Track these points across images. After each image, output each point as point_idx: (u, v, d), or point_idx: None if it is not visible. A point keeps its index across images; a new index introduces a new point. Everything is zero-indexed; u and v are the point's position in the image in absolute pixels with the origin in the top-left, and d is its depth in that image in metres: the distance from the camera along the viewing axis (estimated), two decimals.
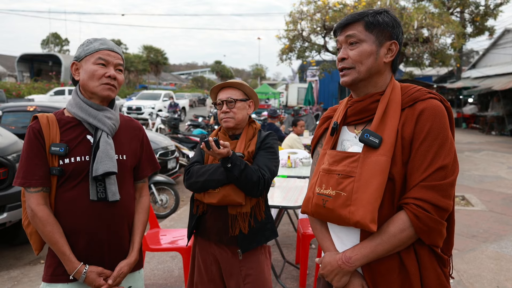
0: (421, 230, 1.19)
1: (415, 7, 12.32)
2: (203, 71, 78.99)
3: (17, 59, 31.76)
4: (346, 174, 1.26)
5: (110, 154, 1.56)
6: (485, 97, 19.52)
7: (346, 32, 1.34)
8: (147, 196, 1.81)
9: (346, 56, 1.33)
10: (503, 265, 3.79)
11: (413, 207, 1.19)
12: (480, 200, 6.19)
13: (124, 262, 1.63)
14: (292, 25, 12.85)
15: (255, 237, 1.96)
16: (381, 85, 1.35)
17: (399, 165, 1.23)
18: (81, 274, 1.53)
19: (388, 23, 1.32)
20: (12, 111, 6.43)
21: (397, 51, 1.34)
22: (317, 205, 1.31)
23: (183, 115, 24.11)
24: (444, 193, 1.19)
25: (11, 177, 3.81)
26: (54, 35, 57.64)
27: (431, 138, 1.22)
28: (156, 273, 3.57)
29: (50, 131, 1.55)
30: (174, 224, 4.96)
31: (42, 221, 1.51)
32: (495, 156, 10.89)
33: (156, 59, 45.33)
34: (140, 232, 1.72)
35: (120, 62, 1.65)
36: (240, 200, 1.89)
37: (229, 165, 1.82)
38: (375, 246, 1.22)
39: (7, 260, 4.02)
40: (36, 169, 1.52)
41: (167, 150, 6.65)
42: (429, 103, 1.26)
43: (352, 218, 1.21)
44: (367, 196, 1.20)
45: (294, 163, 4.55)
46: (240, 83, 2.06)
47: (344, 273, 1.27)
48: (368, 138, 1.25)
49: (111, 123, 1.63)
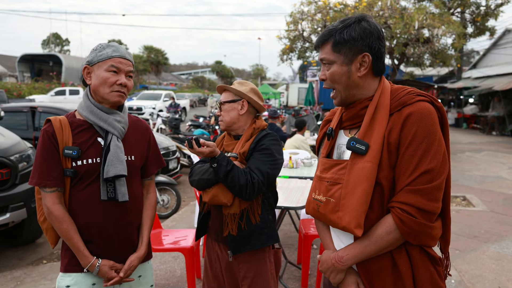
0: (406, 233, 1.23)
1: (416, 7, 12.33)
2: (204, 71, 79.01)
3: (18, 59, 31.80)
4: (334, 181, 1.33)
5: (120, 157, 1.65)
6: (486, 97, 19.52)
7: (320, 54, 1.39)
8: (154, 192, 1.90)
9: (325, 77, 1.38)
10: (505, 265, 3.80)
11: (397, 211, 1.23)
12: (481, 201, 6.20)
13: (134, 256, 1.73)
14: (292, 26, 12.87)
15: (248, 240, 1.94)
16: (365, 93, 1.36)
17: (386, 170, 1.26)
18: (95, 267, 1.63)
19: (356, 37, 1.30)
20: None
21: (371, 61, 1.32)
22: (314, 209, 1.41)
23: (184, 115, 24.12)
24: (430, 197, 1.21)
25: (13, 177, 3.82)
26: (54, 35, 57.71)
27: (416, 142, 1.23)
28: (158, 273, 3.57)
29: (63, 134, 1.63)
30: (176, 224, 4.97)
31: (58, 219, 1.61)
32: (496, 156, 10.90)
33: (156, 59, 45.34)
34: (148, 227, 1.81)
35: (131, 69, 1.73)
36: (225, 200, 1.89)
37: (215, 165, 1.84)
38: (364, 247, 1.28)
39: (10, 260, 4.03)
40: (51, 170, 1.61)
41: (168, 151, 6.66)
42: (416, 106, 1.26)
43: (340, 223, 1.29)
44: (353, 202, 1.26)
45: (295, 163, 4.56)
46: (227, 86, 2.10)
47: (338, 270, 1.34)
48: (354, 146, 1.30)
49: (120, 126, 1.71)
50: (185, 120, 21.23)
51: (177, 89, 46.27)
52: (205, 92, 48.34)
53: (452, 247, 4.16)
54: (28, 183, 1.68)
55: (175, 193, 5.52)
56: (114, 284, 1.67)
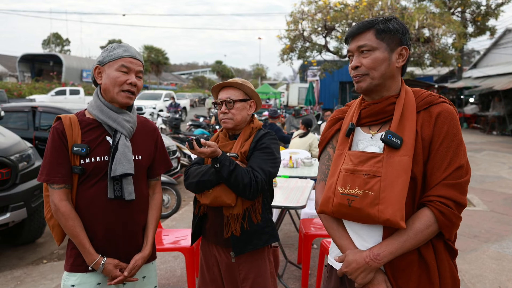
0: (445, 225, 1.27)
1: (416, 7, 12.33)
2: (204, 71, 79.00)
3: (18, 59, 31.80)
4: (373, 174, 1.31)
5: (128, 156, 1.67)
6: (486, 97, 19.50)
7: (357, 42, 1.39)
8: (159, 193, 1.90)
9: (360, 64, 1.38)
10: (505, 265, 3.80)
11: (437, 204, 1.26)
12: (481, 201, 6.20)
13: (138, 256, 1.74)
14: (293, 25, 12.87)
15: (250, 240, 1.92)
16: (394, 88, 1.41)
17: (420, 164, 1.30)
18: (100, 266, 1.64)
19: (398, 29, 1.38)
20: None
21: (408, 55, 1.40)
22: (341, 205, 1.34)
23: (184, 115, 24.12)
24: (462, 190, 1.28)
25: (13, 177, 3.82)
26: (55, 35, 57.70)
27: (449, 140, 1.30)
28: (158, 273, 3.57)
29: (72, 132, 1.65)
30: (176, 224, 4.97)
31: (64, 216, 1.62)
32: (496, 156, 10.89)
33: (157, 59, 45.37)
34: (153, 227, 1.82)
35: (141, 69, 1.74)
36: (229, 201, 1.86)
37: (217, 166, 1.80)
38: (402, 242, 1.28)
39: (10, 260, 4.03)
40: (60, 167, 1.63)
41: (169, 151, 6.67)
42: (444, 106, 1.35)
43: (382, 216, 1.26)
44: (395, 195, 1.26)
45: (295, 163, 4.56)
46: (240, 83, 2.02)
47: (371, 269, 1.31)
48: (390, 139, 1.31)
49: (129, 126, 1.73)
50: (186, 120, 21.24)
51: (177, 89, 46.27)
52: (205, 92, 48.33)
53: None
54: (37, 180, 1.71)
55: (175, 193, 5.52)
56: (118, 283, 1.67)
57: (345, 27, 12.32)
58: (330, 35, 13.05)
